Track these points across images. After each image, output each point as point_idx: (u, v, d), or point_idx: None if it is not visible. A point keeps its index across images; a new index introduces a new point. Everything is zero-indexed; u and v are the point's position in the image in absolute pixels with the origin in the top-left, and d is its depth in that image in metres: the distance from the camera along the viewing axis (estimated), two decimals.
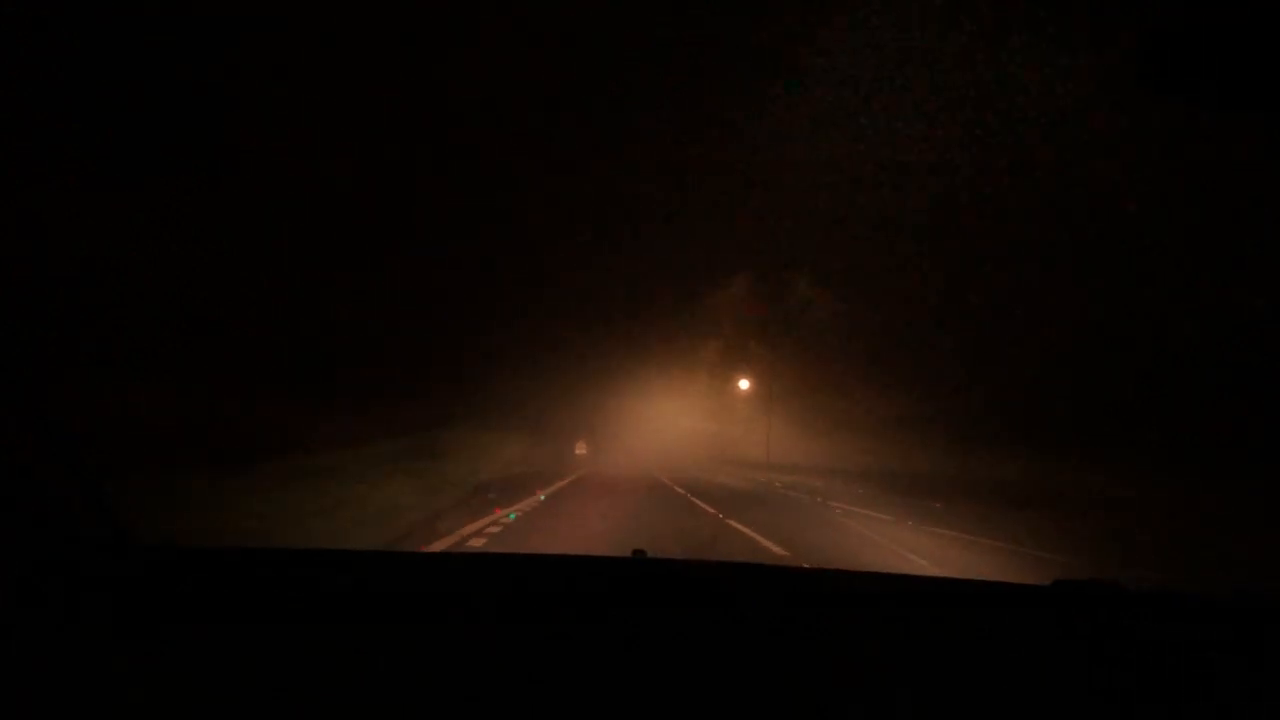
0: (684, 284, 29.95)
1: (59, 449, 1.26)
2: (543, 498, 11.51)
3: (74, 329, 6.73)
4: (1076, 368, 15.45)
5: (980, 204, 15.34)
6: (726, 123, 16.13)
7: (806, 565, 5.89)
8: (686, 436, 50.27)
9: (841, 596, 1.45)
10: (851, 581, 1.66)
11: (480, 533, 6.99)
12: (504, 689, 1.00)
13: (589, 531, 7.66)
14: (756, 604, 1.37)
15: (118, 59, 7.35)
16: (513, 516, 7.78)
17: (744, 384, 40.21)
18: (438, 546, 6.30)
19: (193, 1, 8.37)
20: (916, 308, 20.54)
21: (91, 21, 7.13)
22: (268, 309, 10.82)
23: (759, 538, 7.73)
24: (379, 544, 6.22)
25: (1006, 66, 11.78)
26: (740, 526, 8.69)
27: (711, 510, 10.54)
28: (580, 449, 36.72)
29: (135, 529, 1.36)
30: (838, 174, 16.90)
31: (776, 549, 7.01)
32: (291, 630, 1.16)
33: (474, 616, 1.23)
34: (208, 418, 8.93)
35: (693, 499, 12.79)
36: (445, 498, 9.89)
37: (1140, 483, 11.07)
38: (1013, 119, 12.79)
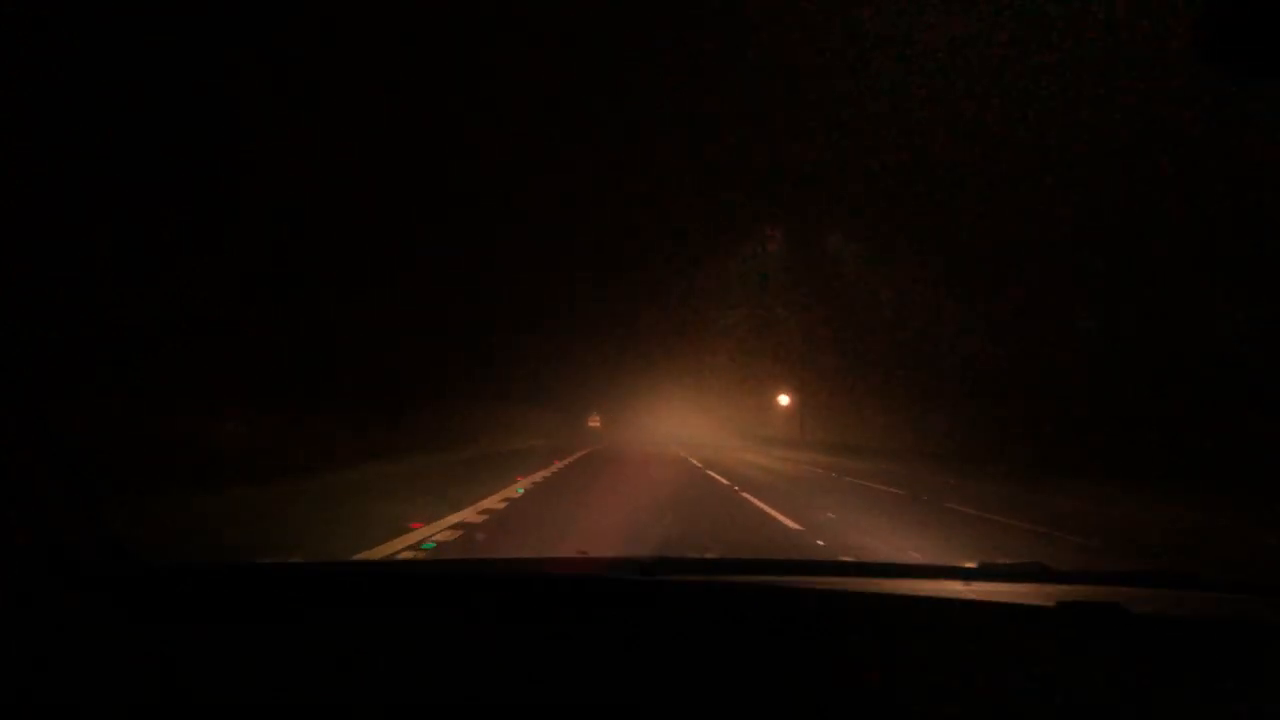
0: (701, 261, 28.58)
1: (56, 455, 1.26)
2: (521, 490, 8.44)
3: (68, 337, 6.66)
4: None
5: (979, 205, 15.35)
6: (727, 122, 16.16)
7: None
8: (708, 412, 48.88)
9: (843, 596, 1.45)
10: (850, 572, 1.66)
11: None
12: (503, 689, 1.00)
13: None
14: (758, 604, 1.36)
15: (110, 57, 7.32)
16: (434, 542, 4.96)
17: (776, 393, 37.73)
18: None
19: (193, 1, 8.36)
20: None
21: (90, 20, 7.12)
22: (297, 316, 10.78)
23: None
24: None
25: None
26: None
27: (794, 525, 6.72)
28: (594, 422, 35.17)
29: (132, 537, 1.35)
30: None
31: None
32: (291, 630, 1.15)
33: (474, 617, 1.23)
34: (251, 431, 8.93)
35: (744, 494, 9.33)
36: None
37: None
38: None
